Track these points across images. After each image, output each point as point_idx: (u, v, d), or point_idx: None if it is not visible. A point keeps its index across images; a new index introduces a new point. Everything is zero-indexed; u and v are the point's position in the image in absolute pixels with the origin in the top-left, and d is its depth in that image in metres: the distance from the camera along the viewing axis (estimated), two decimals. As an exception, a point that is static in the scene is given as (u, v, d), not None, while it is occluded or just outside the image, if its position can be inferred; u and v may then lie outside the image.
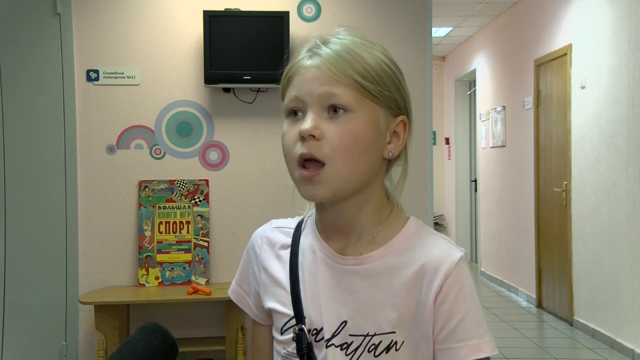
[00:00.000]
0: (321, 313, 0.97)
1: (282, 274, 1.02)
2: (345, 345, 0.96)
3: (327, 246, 1.00)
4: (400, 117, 0.98)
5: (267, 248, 1.06)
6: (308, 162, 0.93)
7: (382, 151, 0.97)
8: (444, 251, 0.96)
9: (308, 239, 1.03)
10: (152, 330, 0.91)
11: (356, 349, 0.95)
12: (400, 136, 0.99)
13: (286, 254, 1.03)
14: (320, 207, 1.01)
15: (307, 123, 0.92)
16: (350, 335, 0.96)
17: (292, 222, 1.08)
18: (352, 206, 0.98)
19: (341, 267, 0.98)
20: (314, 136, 0.92)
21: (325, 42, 0.96)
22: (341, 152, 0.92)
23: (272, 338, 1.06)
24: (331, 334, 0.96)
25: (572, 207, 5.36)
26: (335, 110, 0.92)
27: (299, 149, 0.93)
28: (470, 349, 0.93)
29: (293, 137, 0.94)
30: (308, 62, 0.95)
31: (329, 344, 0.96)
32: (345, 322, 0.96)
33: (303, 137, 0.92)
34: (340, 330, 0.96)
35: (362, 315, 0.96)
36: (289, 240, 1.04)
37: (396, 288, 0.96)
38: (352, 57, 0.93)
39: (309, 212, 1.08)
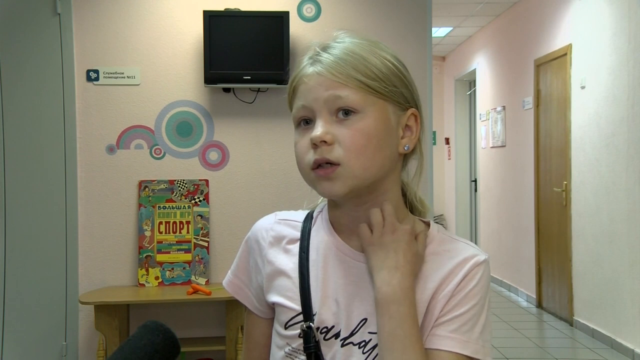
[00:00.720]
0: (337, 311, 0.97)
1: (290, 268, 1.01)
2: (364, 343, 0.95)
3: (346, 244, 1.00)
4: (411, 110, 0.98)
5: (273, 241, 1.04)
6: (322, 164, 0.93)
7: (396, 147, 0.97)
8: (469, 254, 0.97)
9: (320, 235, 1.02)
10: (153, 328, 0.91)
11: (374, 347, 0.95)
12: (413, 129, 0.99)
13: (295, 248, 1.02)
14: (335, 205, 1.01)
15: (318, 130, 0.92)
16: (369, 333, 0.95)
17: (298, 216, 1.07)
18: (370, 205, 0.97)
19: (363, 265, 0.98)
20: (325, 142, 0.92)
21: (325, 48, 0.96)
22: (355, 153, 0.92)
23: (269, 331, 1.05)
24: (350, 332, 0.96)
25: (572, 207, 5.36)
26: (344, 113, 0.93)
27: (312, 156, 0.93)
28: (457, 342, 0.93)
29: (305, 145, 0.95)
30: (310, 70, 0.95)
31: (346, 342, 0.96)
32: (365, 319, 0.96)
33: (315, 145, 0.92)
34: (360, 328, 0.96)
35: None
36: (297, 234, 1.03)
37: (421, 289, 0.95)
38: (353, 59, 0.94)
39: (319, 207, 1.07)
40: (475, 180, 8.44)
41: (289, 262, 1.01)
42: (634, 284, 4.41)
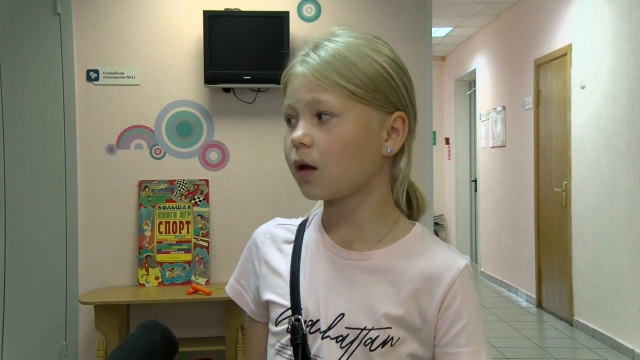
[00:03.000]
0: (319, 305, 0.98)
1: (283, 266, 1.03)
2: (341, 337, 0.96)
3: (329, 239, 1.01)
4: (397, 114, 0.97)
5: (269, 242, 1.07)
6: (303, 166, 0.95)
7: (379, 149, 0.97)
8: (449, 259, 0.98)
9: (312, 234, 1.04)
10: (152, 327, 0.91)
11: (352, 342, 0.96)
12: (400, 132, 0.98)
13: (289, 248, 1.05)
14: (328, 202, 1.03)
15: (298, 131, 0.94)
16: (346, 328, 0.96)
17: (296, 221, 1.10)
18: (356, 201, 0.99)
19: (344, 260, 0.99)
20: (304, 144, 0.94)
21: (316, 48, 0.96)
22: (331, 157, 0.93)
23: (268, 336, 1.06)
24: (327, 326, 0.97)
25: (572, 207, 5.36)
26: (323, 116, 0.94)
27: (293, 156, 0.96)
28: (471, 355, 0.95)
29: (290, 143, 0.97)
30: (297, 70, 0.96)
31: (324, 335, 0.97)
32: (343, 314, 0.97)
33: (295, 145, 0.95)
34: (337, 323, 0.97)
35: (360, 309, 0.96)
36: (292, 236, 1.06)
37: (399, 287, 0.96)
38: (339, 62, 0.93)
39: (315, 211, 1.09)
40: (475, 180, 8.44)
41: (282, 261, 1.04)
42: (634, 284, 4.41)
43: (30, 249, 3.65)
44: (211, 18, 3.67)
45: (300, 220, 1.09)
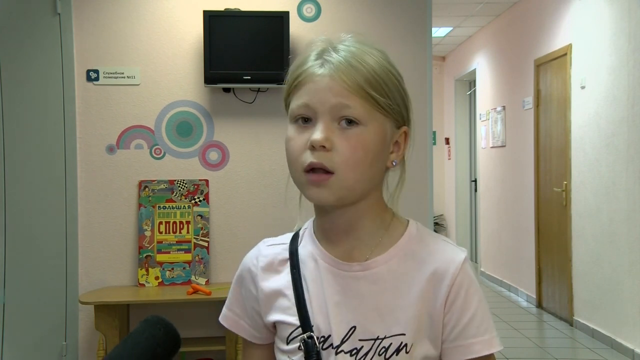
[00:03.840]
0: (329, 320, 0.98)
1: (284, 286, 1.02)
2: (355, 350, 0.96)
3: (328, 254, 1.00)
4: (403, 128, 1.00)
5: (264, 266, 1.05)
6: (316, 169, 0.93)
7: (386, 161, 0.99)
8: (448, 255, 0.98)
9: (307, 249, 1.03)
10: (154, 322, 0.92)
11: (366, 354, 0.96)
12: (400, 146, 1.00)
13: (286, 267, 1.03)
14: (321, 211, 1.01)
15: (318, 134, 0.92)
16: (360, 340, 0.96)
17: (285, 238, 1.08)
18: (354, 211, 0.99)
19: (346, 273, 0.99)
20: (324, 147, 0.92)
21: (336, 49, 0.95)
22: (351, 164, 0.92)
23: (268, 356, 1.07)
24: (340, 340, 0.97)
25: (572, 207, 5.36)
26: (347, 122, 0.93)
27: (308, 158, 0.93)
28: (483, 344, 0.96)
29: (301, 145, 0.94)
30: (320, 71, 0.94)
31: (338, 350, 0.97)
32: (354, 327, 0.97)
33: (313, 147, 0.92)
34: (350, 336, 0.97)
35: (371, 320, 0.96)
36: (286, 254, 1.04)
37: (405, 292, 0.97)
38: (363, 67, 0.93)
39: (305, 224, 1.08)
40: (475, 180, 8.44)
41: (282, 282, 1.03)
42: (634, 284, 4.41)
43: (30, 249, 3.65)
44: (211, 18, 3.67)
45: (288, 235, 1.08)
